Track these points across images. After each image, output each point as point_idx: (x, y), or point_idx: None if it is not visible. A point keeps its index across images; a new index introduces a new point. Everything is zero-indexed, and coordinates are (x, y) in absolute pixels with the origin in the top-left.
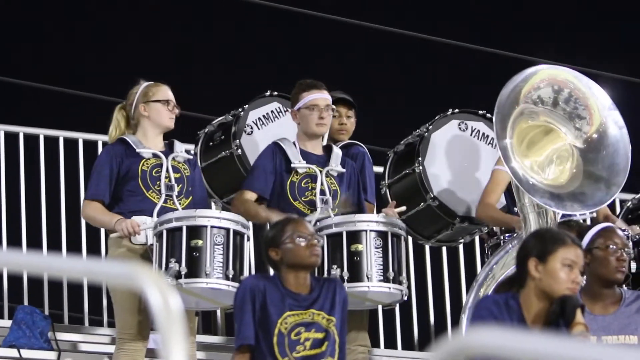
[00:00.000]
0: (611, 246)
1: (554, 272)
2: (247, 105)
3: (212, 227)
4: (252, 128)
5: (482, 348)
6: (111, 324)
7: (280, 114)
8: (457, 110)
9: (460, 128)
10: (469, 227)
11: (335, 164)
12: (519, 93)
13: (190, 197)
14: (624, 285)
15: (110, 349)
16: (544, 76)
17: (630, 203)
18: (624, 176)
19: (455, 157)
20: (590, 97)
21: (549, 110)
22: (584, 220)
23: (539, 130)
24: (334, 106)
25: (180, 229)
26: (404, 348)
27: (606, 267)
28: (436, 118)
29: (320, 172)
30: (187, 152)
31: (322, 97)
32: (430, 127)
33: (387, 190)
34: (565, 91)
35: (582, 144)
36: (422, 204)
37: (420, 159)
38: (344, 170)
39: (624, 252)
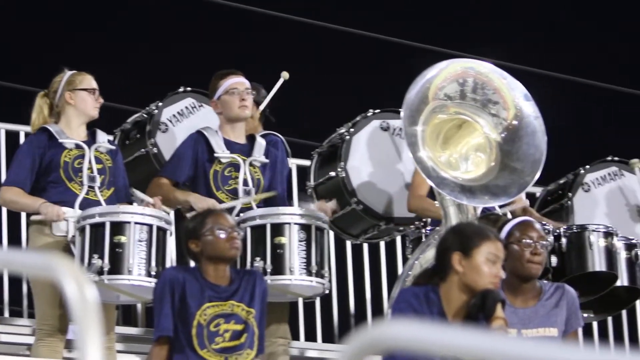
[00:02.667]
0: (526, 240)
1: (478, 266)
2: (160, 103)
3: (135, 223)
4: (167, 125)
5: (396, 341)
6: (31, 315)
7: (194, 109)
8: (378, 110)
9: (382, 128)
10: (395, 227)
11: (259, 154)
12: (426, 93)
13: (113, 189)
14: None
15: (30, 340)
16: (445, 75)
17: (540, 195)
18: (539, 168)
19: (379, 158)
20: (495, 79)
21: (458, 103)
22: (504, 214)
23: (453, 124)
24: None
25: (103, 224)
26: (324, 341)
27: (520, 261)
28: (357, 119)
29: (244, 161)
30: (110, 142)
31: (240, 81)
32: (352, 129)
33: (313, 193)
34: (470, 81)
35: (500, 133)
36: (347, 207)
37: (342, 163)
38: (267, 160)
39: (540, 245)
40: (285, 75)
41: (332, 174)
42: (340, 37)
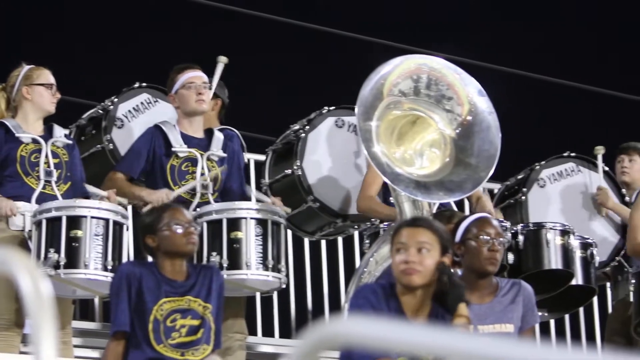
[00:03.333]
0: (483, 237)
1: (392, 261)
2: (116, 99)
3: (92, 217)
4: (122, 121)
5: (351, 337)
6: None
7: (150, 104)
8: (332, 107)
9: (337, 125)
10: (352, 224)
11: (217, 148)
12: (380, 90)
13: (69, 183)
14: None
15: None
16: (399, 72)
17: (498, 190)
18: (493, 163)
19: (335, 155)
20: (449, 75)
21: (413, 99)
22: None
23: (407, 120)
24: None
25: (59, 218)
26: (281, 336)
27: (478, 257)
28: (312, 116)
29: (201, 155)
30: (67, 136)
31: (197, 75)
32: (308, 126)
33: (268, 190)
34: (424, 77)
35: (455, 129)
36: (303, 204)
37: (298, 161)
38: (225, 154)
39: (498, 242)
40: (223, 59)
41: (288, 171)
42: (295, 31)
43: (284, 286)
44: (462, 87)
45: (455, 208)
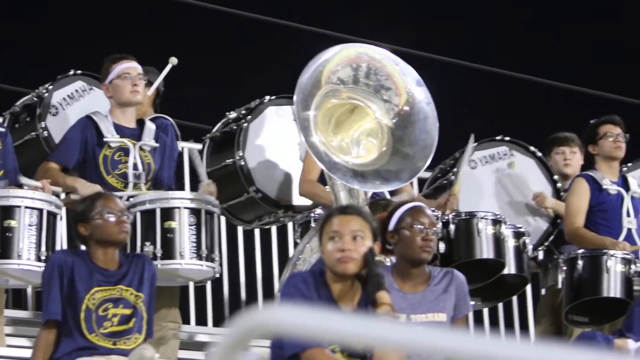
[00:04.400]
0: (417, 226)
1: (325, 248)
2: (50, 86)
3: (25, 207)
4: (57, 109)
5: (280, 325)
6: None
7: (85, 92)
8: (273, 97)
9: (278, 114)
10: (294, 214)
11: (149, 138)
12: (318, 77)
13: (2, 171)
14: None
15: None
16: (339, 59)
17: (431, 174)
18: (430, 153)
19: (276, 145)
20: (388, 65)
21: (351, 87)
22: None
23: (345, 109)
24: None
25: None
26: (215, 325)
27: (412, 246)
28: (253, 105)
29: (134, 145)
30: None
31: (132, 66)
32: (249, 116)
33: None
34: (363, 66)
35: (392, 118)
36: (244, 194)
37: (240, 151)
38: (157, 144)
39: (432, 232)
40: (173, 60)
41: (229, 161)
42: (237, 21)
43: (217, 275)
44: (400, 77)
45: (389, 197)
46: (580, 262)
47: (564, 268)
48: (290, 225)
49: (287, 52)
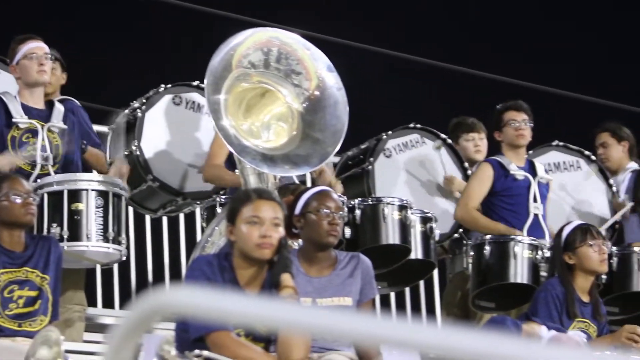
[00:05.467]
0: (323, 210)
1: (240, 232)
2: None
3: None
4: None
5: (181, 307)
6: None
7: None
8: (169, 85)
9: (174, 102)
10: (193, 201)
11: (57, 120)
12: (229, 61)
13: None
14: None
15: None
16: (250, 43)
17: (340, 160)
18: (340, 138)
19: (173, 133)
20: (299, 49)
21: (262, 72)
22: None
23: (256, 93)
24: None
25: None
26: (121, 307)
27: (318, 230)
28: (150, 94)
29: (42, 127)
30: None
31: (39, 45)
32: (144, 105)
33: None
34: (274, 50)
35: (302, 103)
36: (143, 184)
37: (136, 141)
38: (65, 126)
39: (338, 216)
40: None
41: (126, 152)
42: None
43: (124, 258)
44: (311, 62)
45: (297, 181)
46: (487, 248)
47: (472, 254)
48: (198, 212)
49: (200, 37)
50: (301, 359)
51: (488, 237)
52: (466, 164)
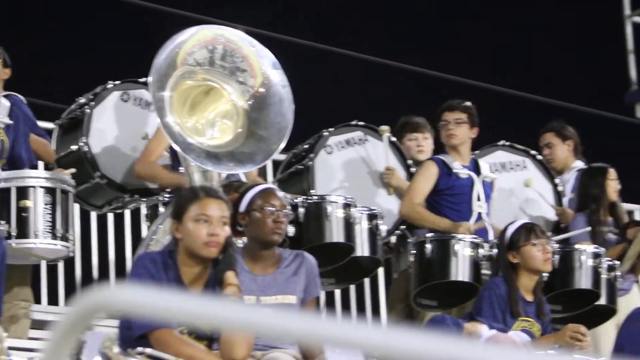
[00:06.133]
0: (268, 208)
1: (188, 230)
2: None
3: None
4: None
5: (122, 305)
6: None
7: None
8: (117, 82)
9: (122, 99)
10: (140, 198)
11: (2, 115)
12: (174, 58)
13: None
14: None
15: None
16: (195, 41)
17: (286, 157)
18: (285, 136)
19: (121, 130)
20: (244, 47)
21: (207, 69)
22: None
23: (200, 90)
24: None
25: None
26: (66, 304)
27: (262, 228)
28: (97, 90)
29: None
30: None
31: None
32: (93, 102)
33: (56, 166)
34: (219, 48)
35: (247, 100)
36: (90, 180)
37: (84, 137)
38: (11, 121)
39: (283, 214)
40: None
41: (74, 147)
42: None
43: (72, 254)
44: (256, 59)
45: (244, 179)
46: (428, 246)
47: (413, 252)
48: (143, 209)
49: (145, 33)
50: (244, 357)
51: (429, 235)
52: (410, 162)
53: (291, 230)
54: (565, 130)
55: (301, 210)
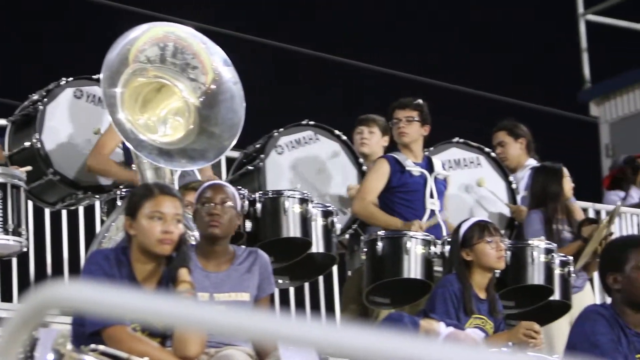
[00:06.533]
0: (205, 202)
1: (141, 227)
2: None
3: None
4: None
5: (73, 301)
6: None
7: None
8: (70, 78)
9: (75, 96)
10: (93, 195)
11: None
12: (126, 55)
13: None
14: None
15: None
16: (146, 38)
17: (238, 158)
18: (237, 133)
19: (75, 126)
20: (195, 44)
21: (158, 66)
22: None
23: (152, 87)
24: None
25: None
26: (20, 301)
27: (201, 222)
28: (50, 87)
29: None
30: None
31: None
32: (46, 98)
33: (9, 162)
34: (170, 45)
35: (199, 97)
36: (43, 177)
37: (37, 134)
38: None
39: (220, 207)
40: None
41: (27, 144)
42: None
43: (25, 249)
44: (207, 56)
45: (198, 177)
46: (380, 244)
47: (365, 250)
48: (97, 205)
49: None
50: (197, 354)
51: (381, 232)
52: (361, 160)
53: (248, 225)
54: (517, 128)
55: (258, 205)
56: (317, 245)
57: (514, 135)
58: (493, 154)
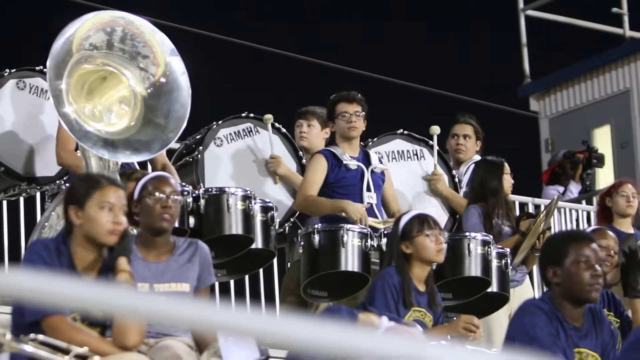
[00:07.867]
0: (157, 194)
1: (91, 217)
2: None
3: None
4: None
5: (15, 290)
6: None
7: None
8: (13, 70)
9: (18, 87)
10: (37, 186)
11: None
12: (70, 45)
13: None
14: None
15: None
16: (91, 25)
17: (178, 149)
18: (182, 125)
19: (18, 118)
20: (146, 32)
21: (105, 53)
22: None
23: (98, 75)
24: None
25: None
26: None
27: (151, 214)
28: None
29: None
30: None
31: None
32: None
33: None
34: (119, 30)
35: (147, 88)
36: None
37: None
38: None
39: (172, 200)
40: None
41: None
42: None
43: None
44: (159, 47)
45: (138, 167)
46: (316, 237)
47: (302, 243)
48: (38, 196)
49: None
50: (136, 344)
51: (317, 225)
52: (301, 153)
53: (192, 221)
54: (480, 128)
55: (202, 201)
56: (257, 241)
57: (478, 135)
58: (437, 147)
